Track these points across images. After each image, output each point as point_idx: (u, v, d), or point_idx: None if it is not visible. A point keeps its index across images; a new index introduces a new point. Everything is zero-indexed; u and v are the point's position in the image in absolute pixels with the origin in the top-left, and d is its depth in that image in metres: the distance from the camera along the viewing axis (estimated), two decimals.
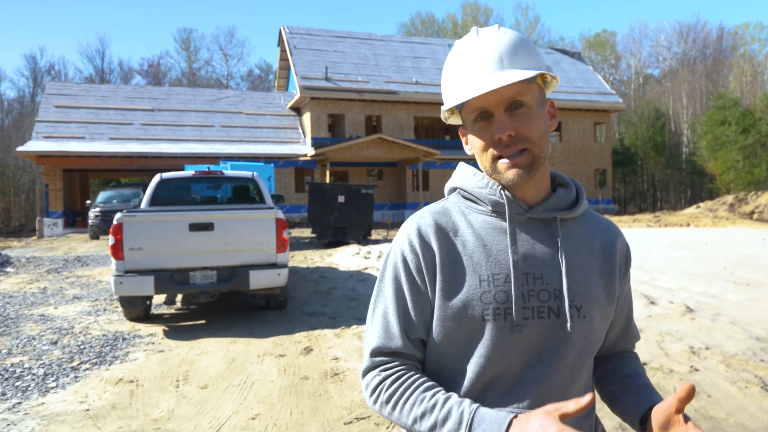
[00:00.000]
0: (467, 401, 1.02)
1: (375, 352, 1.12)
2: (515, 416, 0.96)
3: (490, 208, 1.13)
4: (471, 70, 1.06)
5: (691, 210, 29.73)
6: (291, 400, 4.01)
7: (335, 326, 6.14)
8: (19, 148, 24.52)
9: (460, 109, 1.13)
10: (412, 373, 1.10)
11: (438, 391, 1.06)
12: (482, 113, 1.07)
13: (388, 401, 1.08)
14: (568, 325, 1.07)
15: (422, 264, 1.11)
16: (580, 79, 34.22)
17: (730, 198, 28.31)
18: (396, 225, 22.64)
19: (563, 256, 1.10)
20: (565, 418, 0.91)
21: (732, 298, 7.11)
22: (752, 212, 25.53)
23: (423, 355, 1.16)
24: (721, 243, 14.34)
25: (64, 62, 78.83)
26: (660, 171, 45.35)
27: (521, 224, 1.12)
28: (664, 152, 44.42)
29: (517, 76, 1.02)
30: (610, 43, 59.32)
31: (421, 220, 1.14)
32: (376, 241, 15.88)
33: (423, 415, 1.03)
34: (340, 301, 7.56)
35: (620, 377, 1.21)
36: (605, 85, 34.70)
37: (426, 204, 25.08)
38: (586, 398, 0.91)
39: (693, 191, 45.27)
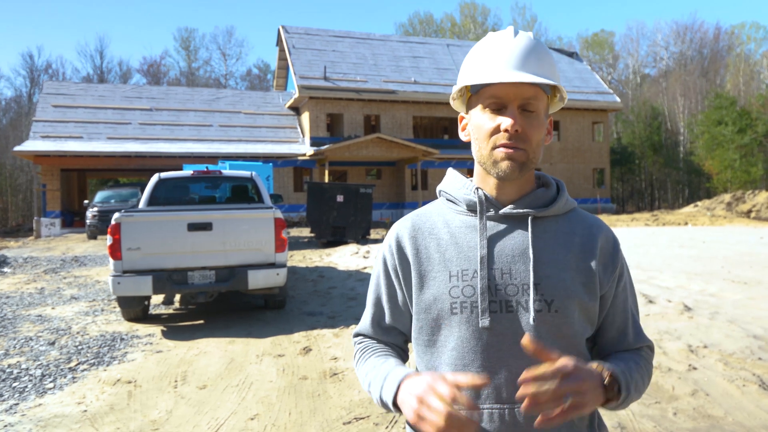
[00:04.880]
0: (394, 361, 1.17)
1: (354, 335, 1.33)
2: (407, 376, 1.07)
3: (465, 207, 1.19)
4: (504, 60, 1.11)
5: (688, 209, 29.79)
6: (290, 400, 4.00)
7: (334, 326, 6.13)
8: (17, 148, 24.47)
9: (474, 93, 1.16)
10: (378, 344, 1.26)
11: (385, 361, 1.18)
12: (497, 102, 1.12)
13: (356, 367, 1.27)
14: (531, 318, 1.09)
15: (397, 263, 1.21)
16: (578, 78, 34.26)
17: (727, 197, 28.37)
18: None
19: (533, 252, 1.13)
20: (455, 385, 0.96)
21: (730, 296, 7.12)
22: (749, 211, 25.58)
23: (399, 341, 1.29)
24: (718, 241, 14.36)
25: (62, 61, 78.62)
26: (658, 170, 45.43)
27: (495, 222, 1.17)
28: (661, 151, 44.49)
29: (544, 78, 1.09)
30: (608, 42, 59.37)
31: (401, 224, 1.26)
32: (375, 241, 15.88)
33: (366, 374, 1.19)
34: (338, 301, 7.55)
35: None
36: (603, 85, 34.75)
37: (425, 203, 25.10)
38: (481, 380, 0.95)
39: (690, 190, 45.36)
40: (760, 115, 35.19)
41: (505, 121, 1.10)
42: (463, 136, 1.22)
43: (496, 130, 1.11)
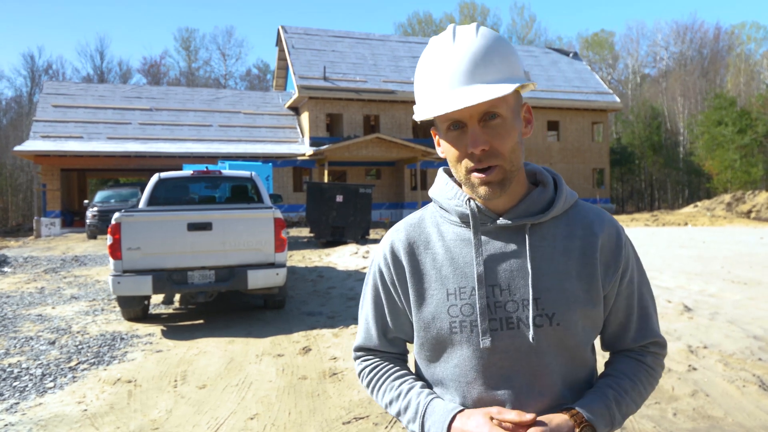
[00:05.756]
0: (425, 392, 1.14)
1: (357, 348, 1.29)
2: (460, 410, 1.07)
3: (458, 218, 1.14)
4: (444, 81, 1.01)
5: (688, 209, 29.80)
6: (289, 400, 4.00)
7: (333, 326, 6.13)
8: (17, 148, 24.46)
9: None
10: (387, 363, 1.24)
11: (405, 381, 1.19)
12: (455, 123, 1.04)
13: (368, 386, 1.25)
14: (531, 335, 1.07)
15: (394, 278, 1.18)
16: (577, 78, 34.25)
17: (727, 197, 28.38)
18: (394, 224, 22.63)
19: (531, 265, 1.08)
20: (502, 423, 1.00)
21: (729, 296, 7.13)
22: (749, 211, 25.59)
23: (404, 350, 1.28)
24: (718, 242, 14.37)
25: (62, 61, 78.61)
26: (657, 170, 45.44)
27: (490, 234, 1.12)
28: (661, 151, 44.49)
29: (492, 93, 0.98)
30: (607, 42, 59.38)
31: (395, 235, 1.20)
32: (375, 241, 15.87)
33: (391, 402, 1.17)
34: (338, 301, 7.55)
35: (599, 377, 1.19)
36: (603, 85, 34.74)
37: (424, 204, 25.12)
38: (529, 416, 0.99)
39: (690, 190, 45.37)
40: (760, 116, 35.18)
41: (470, 145, 1.02)
42: (440, 152, 1.14)
43: (463, 154, 1.05)
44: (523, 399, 1.08)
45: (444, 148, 1.10)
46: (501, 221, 1.10)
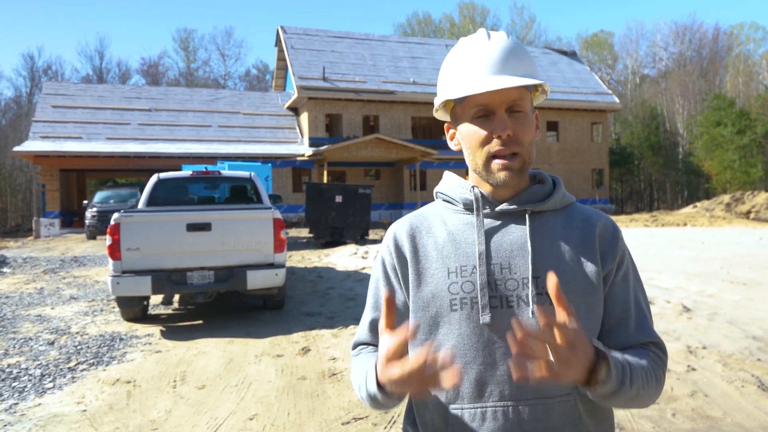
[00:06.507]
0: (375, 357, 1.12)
1: (353, 345, 1.29)
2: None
3: (462, 206, 1.19)
4: (483, 67, 1.10)
5: (688, 209, 29.82)
6: (288, 400, 4.00)
7: (333, 326, 6.13)
8: (16, 148, 24.45)
9: (457, 102, 1.15)
10: (367, 350, 1.23)
11: (369, 356, 1.18)
12: (484, 110, 1.11)
13: (352, 378, 1.22)
14: (530, 311, 1.08)
15: (395, 262, 1.20)
16: (577, 79, 34.27)
17: (726, 198, 28.41)
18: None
19: (531, 245, 1.12)
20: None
21: (729, 297, 7.13)
22: (749, 212, 25.62)
23: None
24: (717, 242, 14.38)
25: (61, 62, 78.61)
26: (657, 171, 45.48)
27: (493, 219, 1.17)
28: (660, 152, 44.53)
29: (528, 79, 1.08)
30: (607, 43, 59.42)
31: (398, 224, 1.25)
32: (374, 241, 15.87)
33: (355, 380, 1.17)
34: (337, 301, 7.56)
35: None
36: (602, 86, 34.76)
37: (423, 204, 25.13)
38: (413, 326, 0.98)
39: (690, 191, 45.42)
40: (759, 116, 35.22)
41: (497, 128, 1.09)
42: (452, 145, 1.21)
43: (488, 138, 1.11)
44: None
45: (467, 134, 1.14)
46: (503, 206, 1.16)
